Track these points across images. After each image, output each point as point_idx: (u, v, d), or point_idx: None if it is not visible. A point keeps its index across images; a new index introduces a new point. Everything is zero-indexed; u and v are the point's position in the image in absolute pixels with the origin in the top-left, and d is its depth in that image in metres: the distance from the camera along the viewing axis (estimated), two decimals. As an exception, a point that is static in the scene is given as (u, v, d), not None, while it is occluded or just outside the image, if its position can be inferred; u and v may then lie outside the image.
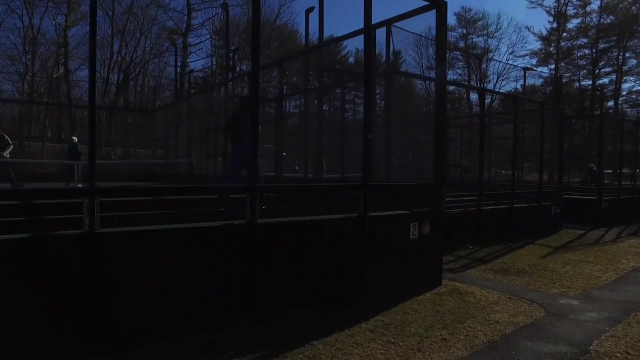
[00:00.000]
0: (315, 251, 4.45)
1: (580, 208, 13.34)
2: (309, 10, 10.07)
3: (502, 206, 10.08)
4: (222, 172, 6.86)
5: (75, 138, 15.32)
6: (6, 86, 29.74)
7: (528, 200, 10.93)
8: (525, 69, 19.29)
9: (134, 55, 29.80)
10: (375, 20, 7.61)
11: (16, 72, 27.20)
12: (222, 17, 28.49)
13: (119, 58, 26.70)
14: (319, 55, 8.51)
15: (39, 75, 26.89)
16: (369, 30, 5.08)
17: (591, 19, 38.75)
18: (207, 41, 29.09)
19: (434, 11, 5.90)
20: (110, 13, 25.58)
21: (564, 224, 12.25)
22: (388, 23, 7.13)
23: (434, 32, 5.98)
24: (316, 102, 9.20)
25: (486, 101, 40.31)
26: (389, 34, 7.42)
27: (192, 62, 32.64)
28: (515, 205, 10.25)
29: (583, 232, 11.68)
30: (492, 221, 9.72)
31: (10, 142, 11.07)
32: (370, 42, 5.19)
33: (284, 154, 11.29)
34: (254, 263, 4.02)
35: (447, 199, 9.43)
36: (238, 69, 37.73)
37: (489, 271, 6.94)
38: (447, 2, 5.79)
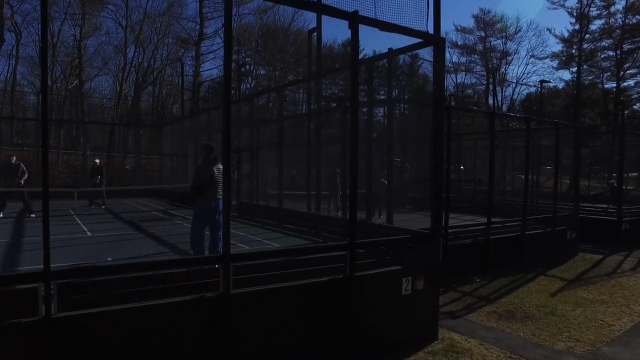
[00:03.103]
0: (298, 316, 4.20)
1: (599, 228, 12.77)
2: (312, 30, 9.81)
3: (513, 234, 9.63)
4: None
5: (97, 160, 15.31)
6: (31, 97, 30.32)
7: (542, 226, 10.44)
8: (542, 82, 18.58)
9: (151, 61, 29.96)
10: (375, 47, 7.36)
11: (37, 76, 27.57)
12: (236, 24, 28.49)
13: (133, 68, 26.88)
14: (317, 82, 8.25)
15: (57, 84, 27.28)
16: (355, 67, 4.80)
17: (615, 19, 37.40)
18: (221, 49, 28.95)
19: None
20: (124, 22, 25.78)
21: (581, 245, 11.71)
22: (389, 55, 6.84)
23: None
24: (311, 126, 8.88)
25: (506, 103, 39.31)
26: (390, 66, 7.11)
27: (206, 70, 32.67)
28: (527, 232, 9.80)
29: (601, 257, 11.13)
30: (502, 250, 9.30)
31: (25, 170, 11.32)
32: (356, 79, 4.89)
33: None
34: (228, 335, 3.80)
35: (455, 225, 9.09)
36: (254, 73, 37.78)
37: (493, 315, 6.58)
38: (444, 39, 5.50)
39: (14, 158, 11.39)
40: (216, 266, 3.78)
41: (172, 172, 18.03)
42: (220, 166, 5.81)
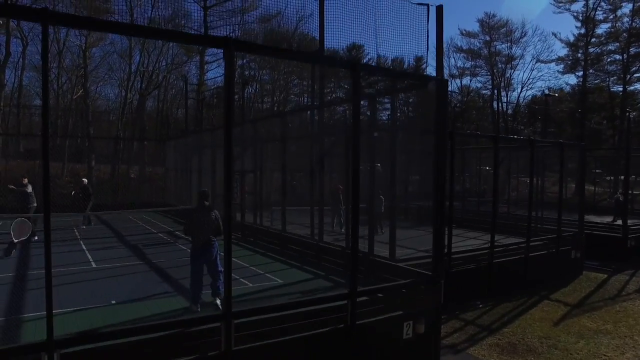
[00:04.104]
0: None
1: (604, 245, 12.69)
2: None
3: (517, 256, 9.59)
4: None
5: (85, 180, 14.96)
6: (37, 101, 30.58)
7: (546, 246, 10.39)
8: (547, 95, 18.54)
9: (156, 65, 29.95)
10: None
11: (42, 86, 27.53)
12: (240, 32, 28.48)
13: (138, 73, 26.99)
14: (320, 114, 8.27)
15: (63, 89, 27.44)
16: (357, 110, 4.82)
17: (622, 23, 37.14)
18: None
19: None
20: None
21: (586, 262, 11.63)
22: (391, 93, 6.87)
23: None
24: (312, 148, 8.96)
25: (511, 107, 39.17)
26: (393, 103, 7.13)
27: (211, 79, 32.62)
28: (531, 254, 9.76)
29: (605, 276, 11.05)
30: (505, 273, 9.26)
31: (32, 195, 10.90)
32: (358, 117, 4.91)
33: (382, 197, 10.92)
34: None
35: (458, 251, 9.03)
36: (258, 77, 37.77)
37: (495, 348, 6.57)
38: (447, 80, 5.52)
39: (26, 180, 10.96)
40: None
41: (176, 186, 18.06)
42: (213, 214, 5.77)
